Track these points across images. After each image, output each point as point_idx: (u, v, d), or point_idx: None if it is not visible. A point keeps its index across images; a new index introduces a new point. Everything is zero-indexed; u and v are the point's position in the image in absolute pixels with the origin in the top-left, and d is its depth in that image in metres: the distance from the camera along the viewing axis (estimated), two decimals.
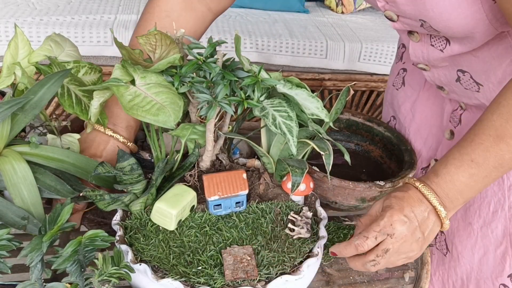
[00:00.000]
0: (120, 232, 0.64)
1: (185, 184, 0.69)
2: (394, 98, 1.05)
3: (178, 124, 0.68)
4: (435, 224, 0.64)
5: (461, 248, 0.85)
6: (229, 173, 0.69)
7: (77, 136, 0.74)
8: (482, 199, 0.80)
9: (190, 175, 0.72)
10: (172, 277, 0.59)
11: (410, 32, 0.77)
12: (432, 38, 0.75)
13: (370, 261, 0.62)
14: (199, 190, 0.71)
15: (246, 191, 0.68)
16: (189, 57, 0.64)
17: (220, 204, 0.68)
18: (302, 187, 0.70)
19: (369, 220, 0.65)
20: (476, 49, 0.72)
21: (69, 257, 0.54)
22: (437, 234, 0.87)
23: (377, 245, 0.61)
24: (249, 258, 0.62)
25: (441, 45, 0.75)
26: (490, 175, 0.61)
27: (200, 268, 0.61)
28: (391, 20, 0.74)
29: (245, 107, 0.63)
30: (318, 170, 0.82)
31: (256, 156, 0.83)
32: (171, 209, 0.63)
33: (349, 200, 0.83)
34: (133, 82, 0.62)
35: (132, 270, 0.58)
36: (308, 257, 0.64)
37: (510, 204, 0.79)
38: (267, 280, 0.60)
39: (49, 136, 0.73)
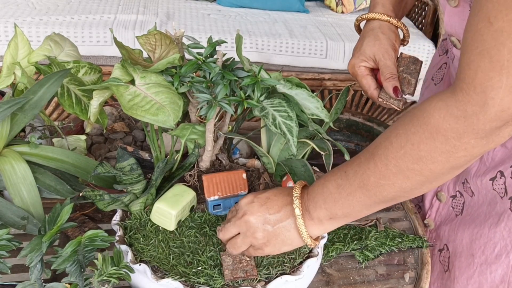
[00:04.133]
0: (119, 232, 0.64)
1: (185, 184, 0.69)
2: (432, 93, 0.97)
3: (177, 124, 0.68)
4: (290, 223, 0.60)
5: (459, 274, 0.83)
6: (229, 173, 0.69)
7: (83, 137, 0.74)
8: (489, 238, 0.76)
9: (190, 175, 0.72)
10: (172, 277, 0.59)
11: None
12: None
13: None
14: (199, 190, 0.71)
15: (246, 191, 0.68)
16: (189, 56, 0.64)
17: (220, 204, 0.68)
18: None
19: None
20: None
21: (69, 257, 0.54)
22: (443, 250, 0.85)
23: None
24: (248, 259, 0.62)
25: None
26: (354, 194, 0.56)
27: (200, 268, 0.61)
28: None
29: (245, 107, 0.63)
30: (318, 170, 0.82)
31: (256, 156, 0.83)
32: (170, 209, 0.63)
33: None
34: (132, 82, 0.62)
35: (131, 270, 0.58)
36: (308, 257, 0.64)
37: None
38: (267, 281, 0.60)
39: (55, 140, 0.74)
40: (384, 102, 0.72)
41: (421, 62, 0.74)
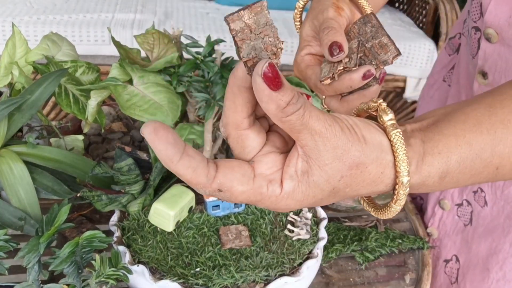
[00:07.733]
0: (117, 233, 0.64)
1: (183, 185, 0.69)
2: (443, 94, 0.89)
3: (176, 124, 0.68)
4: (383, 182, 0.36)
5: (470, 287, 0.79)
6: None
7: (80, 137, 0.74)
8: (510, 254, 0.71)
9: None
10: (170, 279, 0.58)
11: None
12: None
13: None
14: None
15: None
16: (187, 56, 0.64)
17: (219, 205, 0.67)
18: None
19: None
20: None
21: (67, 258, 0.54)
22: (450, 260, 0.82)
23: None
24: (244, 233, 0.65)
25: None
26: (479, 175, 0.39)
27: (198, 269, 0.61)
28: None
29: None
30: None
31: None
32: (169, 210, 0.63)
33: (346, 201, 0.83)
34: (130, 81, 0.62)
35: (129, 272, 0.57)
36: (307, 258, 0.64)
37: None
38: (266, 282, 0.60)
39: (52, 140, 0.73)
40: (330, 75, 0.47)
41: (372, 14, 0.50)
